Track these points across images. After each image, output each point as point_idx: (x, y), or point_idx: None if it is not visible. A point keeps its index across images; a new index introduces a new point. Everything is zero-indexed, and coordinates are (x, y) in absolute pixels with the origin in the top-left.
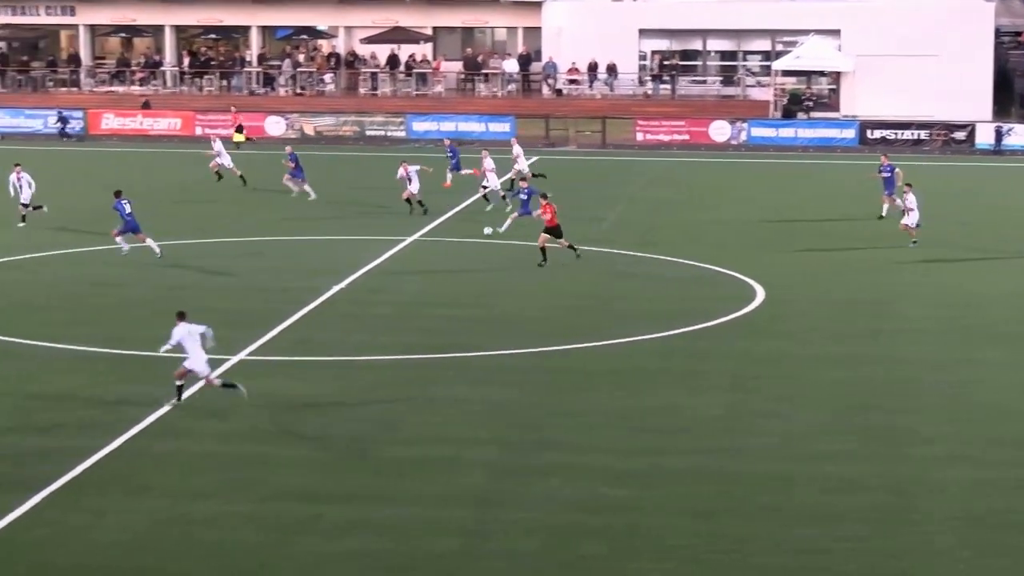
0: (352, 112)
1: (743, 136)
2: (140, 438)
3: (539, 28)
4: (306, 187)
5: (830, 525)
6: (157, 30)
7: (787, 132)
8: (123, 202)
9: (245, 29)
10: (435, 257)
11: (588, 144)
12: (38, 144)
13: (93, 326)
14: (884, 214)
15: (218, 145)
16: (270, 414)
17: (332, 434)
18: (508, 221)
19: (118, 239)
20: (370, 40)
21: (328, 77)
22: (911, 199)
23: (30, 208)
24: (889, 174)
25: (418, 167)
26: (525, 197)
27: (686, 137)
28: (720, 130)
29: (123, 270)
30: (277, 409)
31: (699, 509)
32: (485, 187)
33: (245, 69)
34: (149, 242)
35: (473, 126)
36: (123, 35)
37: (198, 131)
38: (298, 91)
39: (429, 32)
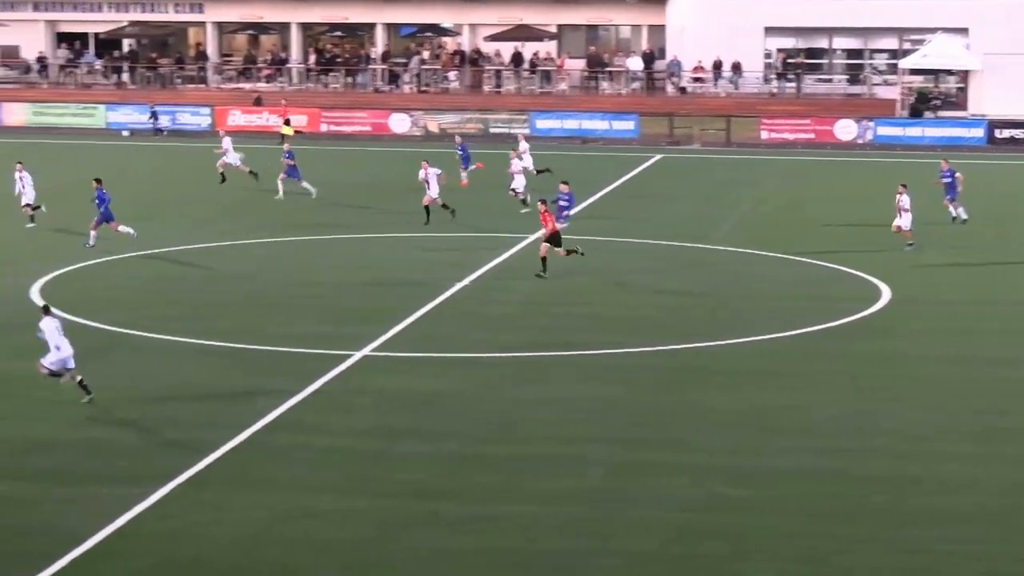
0: (476, 109)
1: (869, 135)
2: (264, 432)
3: (663, 26)
4: (280, 184)
5: (946, 527)
6: (283, 27)
7: (914, 131)
8: (104, 191)
9: (370, 27)
10: (556, 255)
11: (712, 143)
12: (166, 140)
13: (217, 320)
14: (953, 219)
15: (226, 142)
16: (392, 410)
17: (452, 431)
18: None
19: (117, 228)
20: (494, 38)
21: (452, 74)
22: (905, 200)
23: (39, 208)
24: (950, 179)
25: (438, 171)
26: (564, 204)
27: (811, 136)
28: (846, 129)
29: (247, 265)
30: (399, 405)
31: (816, 510)
32: (514, 190)
33: (370, 66)
34: (122, 228)
35: (597, 124)
36: (250, 32)
37: (323, 127)
38: (422, 88)
39: (553, 30)
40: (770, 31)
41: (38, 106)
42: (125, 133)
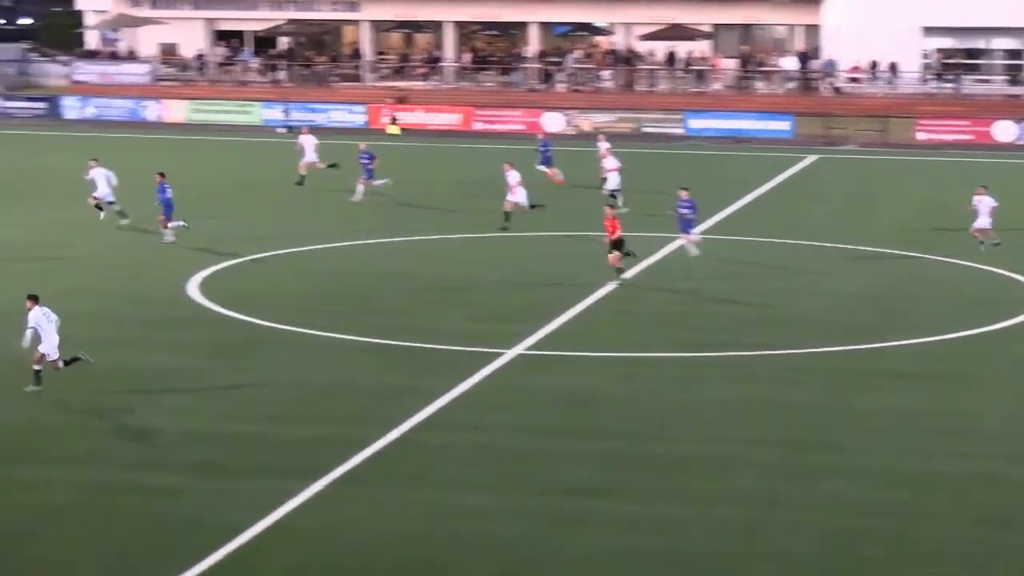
0: (629, 109)
1: None
2: (418, 429)
3: (818, 25)
4: (360, 187)
5: None
6: (437, 26)
7: None
8: (166, 185)
9: (523, 25)
10: (716, 255)
11: (868, 143)
12: (322, 136)
13: (369, 317)
14: None
15: (308, 140)
16: (546, 408)
17: (607, 429)
18: (685, 242)
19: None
20: (648, 37)
21: (606, 73)
22: (984, 202)
23: (112, 204)
24: None
25: (518, 176)
26: (686, 211)
27: (969, 137)
28: (1005, 130)
29: (396, 262)
30: (553, 403)
31: (978, 515)
32: (612, 192)
33: (525, 65)
34: (176, 223)
35: (750, 124)
36: (405, 31)
37: (477, 126)
38: (575, 87)
39: (707, 29)
40: (928, 31)
41: (196, 103)
42: (280, 130)
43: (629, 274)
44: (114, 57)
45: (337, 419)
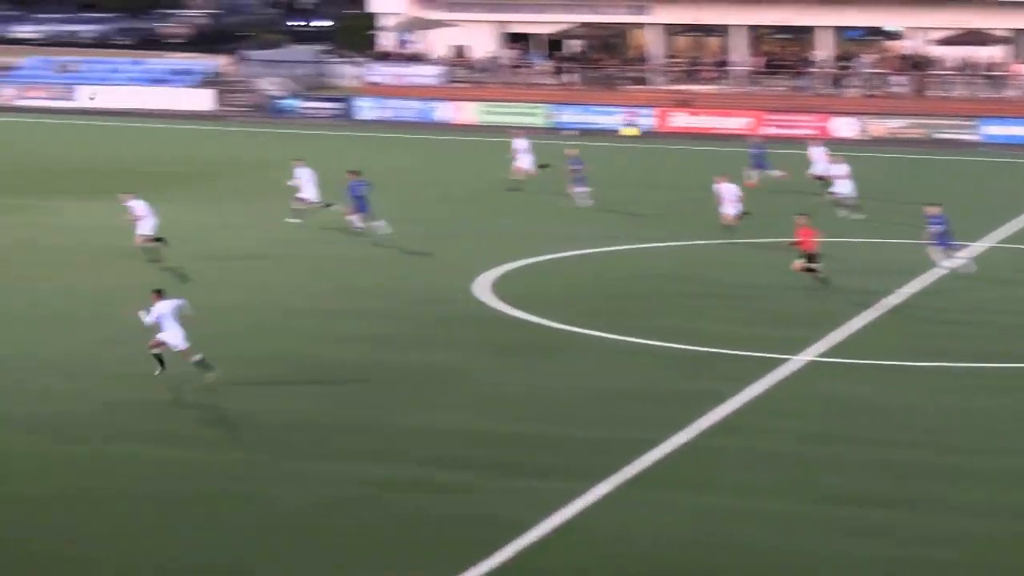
0: (921, 115)
1: None
2: (704, 434)
3: None
4: (579, 190)
5: None
6: (728, 29)
7: None
8: (359, 183)
9: (812, 29)
10: (1009, 264)
11: None
12: (603, 140)
13: (658, 320)
14: None
15: (521, 143)
16: (834, 416)
17: (894, 439)
18: (944, 259)
19: (350, 218)
20: (943, 42)
21: (900, 79)
22: None
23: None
24: None
25: (735, 187)
26: (936, 228)
27: None
28: None
29: (682, 266)
30: (842, 411)
31: None
32: (835, 194)
33: (817, 69)
34: (374, 224)
35: None
36: (695, 34)
37: (768, 131)
38: (867, 93)
39: (1004, 34)
40: None
41: (487, 105)
42: (565, 132)
43: (910, 288)
44: (406, 58)
45: (623, 421)
